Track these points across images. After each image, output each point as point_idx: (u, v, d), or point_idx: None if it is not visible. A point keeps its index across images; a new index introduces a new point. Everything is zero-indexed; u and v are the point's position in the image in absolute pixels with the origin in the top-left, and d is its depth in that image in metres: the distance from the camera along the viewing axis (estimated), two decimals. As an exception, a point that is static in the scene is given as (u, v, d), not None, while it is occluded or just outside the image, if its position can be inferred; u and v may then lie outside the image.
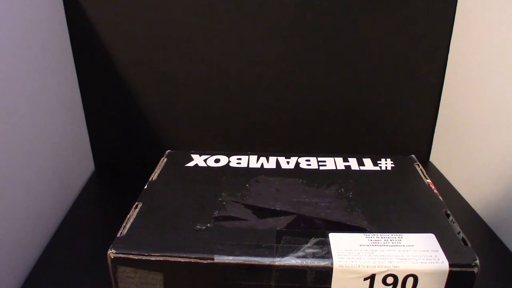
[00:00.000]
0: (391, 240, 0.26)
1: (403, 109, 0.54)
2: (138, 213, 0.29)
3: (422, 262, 0.24)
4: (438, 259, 0.25)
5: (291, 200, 0.31)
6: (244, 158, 0.36)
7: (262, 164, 0.35)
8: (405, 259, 0.25)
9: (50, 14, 0.44)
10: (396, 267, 0.24)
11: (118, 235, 0.27)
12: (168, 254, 0.25)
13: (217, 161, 0.36)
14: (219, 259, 0.25)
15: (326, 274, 0.25)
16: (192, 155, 0.37)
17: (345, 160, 0.36)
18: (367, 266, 0.24)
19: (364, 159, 0.36)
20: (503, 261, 0.39)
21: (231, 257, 0.25)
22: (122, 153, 0.56)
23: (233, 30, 0.49)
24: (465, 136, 0.48)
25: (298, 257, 0.25)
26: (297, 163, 0.35)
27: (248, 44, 0.50)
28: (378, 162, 0.36)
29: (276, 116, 0.54)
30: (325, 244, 0.26)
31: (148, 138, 0.55)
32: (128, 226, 0.28)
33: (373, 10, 0.49)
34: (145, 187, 0.32)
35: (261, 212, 0.29)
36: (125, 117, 0.54)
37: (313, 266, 0.25)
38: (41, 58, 0.42)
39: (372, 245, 0.26)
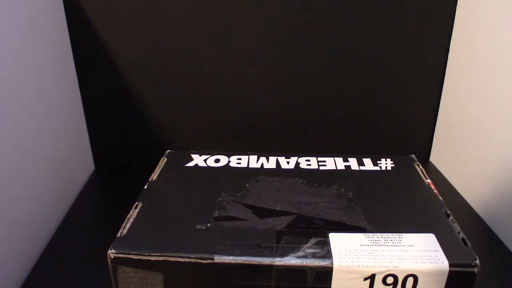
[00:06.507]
0: (391, 240, 0.26)
1: (403, 109, 0.54)
2: (138, 213, 0.29)
3: (422, 262, 0.24)
4: (438, 259, 0.25)
5: (291, 200, 0.31)
6: (244, 158, 0.36)
7: (262, 164, 0.35)
8: (405, 259, 0.25)
9: (50, 14, 0.44)
10: (396, 267, 0.24)
11: (118, 235, 0.27)
12: (168, 254, 0.25)
13: (217, 161, 0.36)
14: (219, 259, 0.25)
15: (326, 274, 0.25)
16: (192, 155, 0.37)
17: (345, 160, 0.36)
18: (367, 266, 0.24)
19: (364, 159, 0.36)
20: (503, 261, 0.39)
21: (231, 257, 0.25)
22: (122, 153, 0.56)
23: (233, 30, 0.49)
24: (465, 136, 0.48)
25: (298, 257, 0.25)
26: (297, 163, 0.35)
27: (248, 44, 0.50)
28: (378, 162, 0.36)
29: (276, 116, 0.54)
30: (325, 244, 0.26)
31: (148, 138, 0.55)
32: (128, 226, 0.28)
33: (373, 10, 0.49)
34: (145, 187, 0.32)
35: (261, 212, 0.29)
36: (125, 117, 0.54)
37: (313, 266, 0.25)
38: (41, 58, 0.42)
39: (372, 245, 0.26)
